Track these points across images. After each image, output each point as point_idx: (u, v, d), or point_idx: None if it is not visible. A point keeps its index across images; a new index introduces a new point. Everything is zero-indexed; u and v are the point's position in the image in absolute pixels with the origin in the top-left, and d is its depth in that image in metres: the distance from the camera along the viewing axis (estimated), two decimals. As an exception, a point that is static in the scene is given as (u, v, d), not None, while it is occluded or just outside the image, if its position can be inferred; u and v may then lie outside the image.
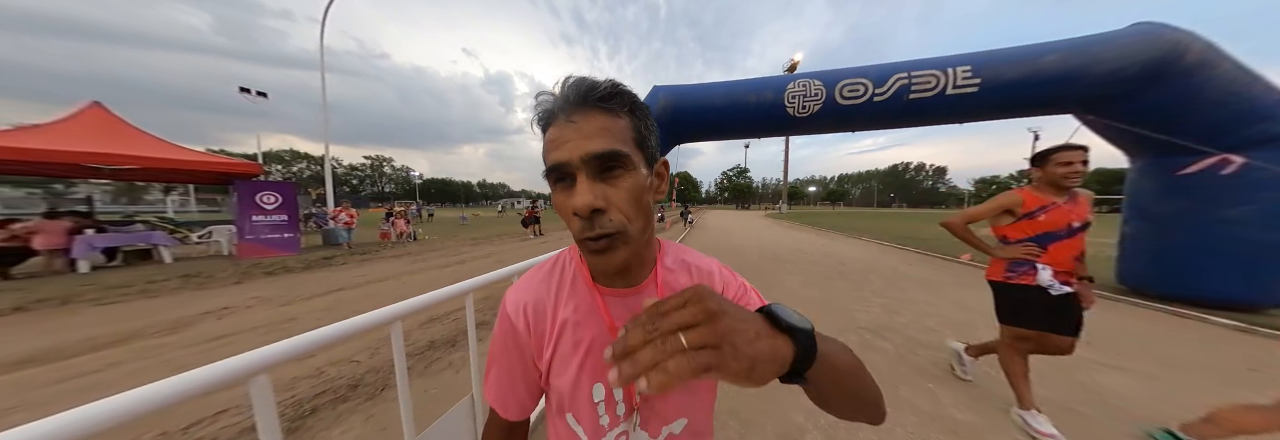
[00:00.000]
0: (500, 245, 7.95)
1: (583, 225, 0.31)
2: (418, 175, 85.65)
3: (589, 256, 0.33)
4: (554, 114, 0.32)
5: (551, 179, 0.32)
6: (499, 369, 0.41)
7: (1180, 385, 1.75)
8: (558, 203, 0.33)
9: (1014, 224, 1.37)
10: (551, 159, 0.31)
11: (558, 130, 0.32)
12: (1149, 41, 2.77)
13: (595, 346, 0.38)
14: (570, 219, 0.32)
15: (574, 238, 0.33)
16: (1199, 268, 2.92)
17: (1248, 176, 2.62)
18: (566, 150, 0.31)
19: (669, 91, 3.78)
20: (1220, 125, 2.75)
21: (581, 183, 0.31)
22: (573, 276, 0.40)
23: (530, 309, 0.39)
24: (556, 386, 0.39)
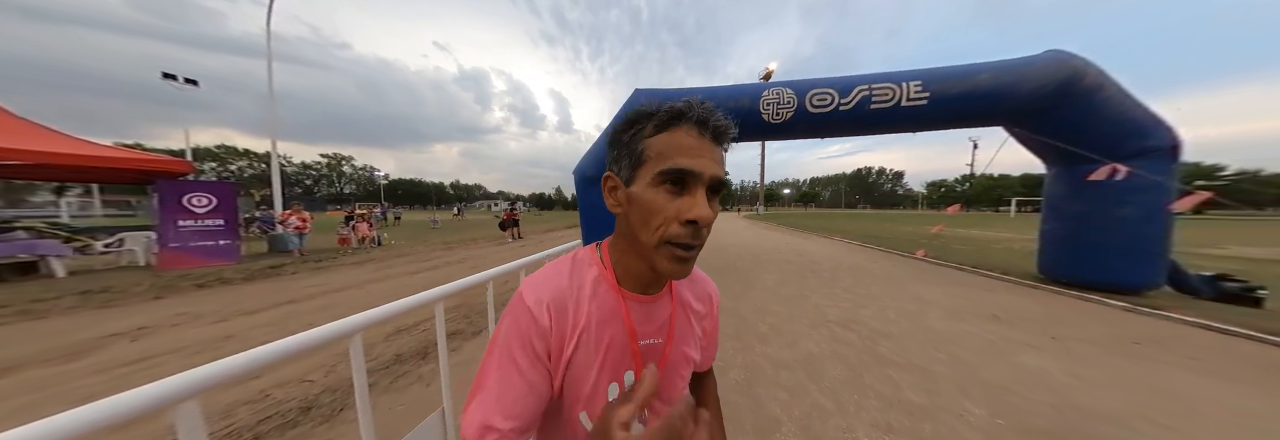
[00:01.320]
0: (476, 249, 7.60)
1: (688, 232, 0.32)
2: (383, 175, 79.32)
3: (669, 262, 0.33)
4: (686, 121, 0.33)
5: (662, 179, 0.33)
6: (506, 382, 0.35)
7: (1083, 358, 2.07)
8: (654, 201, 0.33)
9: None
10: (680, 163, 0.32)
11: (695, 140, 0.33)
12: (1058, 66, 3.24)
13: (613, 347, 0.38)
14: (669, 222, 0.32)
15: (656, 241, 0.33)
16: (1100, 258, 3.47)
17: (1131, 182, 3.14)
18: (702, 164, 0.32)
19: (651, 95, 3.86)
20: (1112, 139, 3.28)
21: (703, 196, 0.33)
22: (595, 278, 0.40)
23: (552, 305, 0.37)
24: (573, 385, 0.38)
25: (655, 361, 0.40)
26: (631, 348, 0.39)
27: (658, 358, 0.41)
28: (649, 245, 0.34)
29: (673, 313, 0.42)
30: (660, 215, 0.32)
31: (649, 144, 0.34)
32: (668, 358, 0.41)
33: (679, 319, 0.42)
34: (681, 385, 0.44)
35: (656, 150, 0.33)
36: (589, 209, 4.07)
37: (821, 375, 1.87)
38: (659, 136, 0.33)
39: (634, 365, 0.39)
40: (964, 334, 2.48)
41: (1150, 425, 1.43)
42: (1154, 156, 3.20)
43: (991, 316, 2.89)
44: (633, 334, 0.39)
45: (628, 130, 0.36)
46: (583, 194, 4.09)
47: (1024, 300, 3.42)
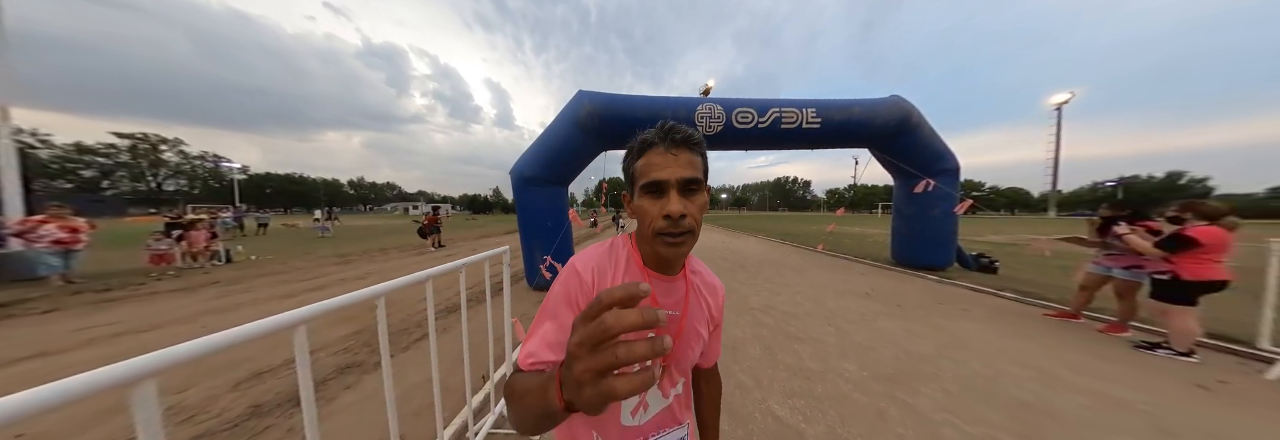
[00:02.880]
0: (387, 261, 6.24)
1: (668, 224, 0.42)
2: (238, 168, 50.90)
3: (663, 247, 0.43)
4: (655, 144, 0.43)
5: (645, 190, 0.44)
6: (551, 326, 0.44)
7: (914, 318, 2.87)
8: (644, 207, 0.44)
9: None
10: (652, 176, 0.43)
11: (661, 156, 0.43)
12: (897, 107, 4.45)
13: None
14: (655, 219, 0.43)
15: (651, 233, 0.44)
16: (922, 246, 4.91)
17: (936, 192, 4.52)
18: (667, 172, 0.42)
19: (594, 98, 3.84)
20: (926, 162, 4.65)
21: (674, 196, 0.42)
22: (626, 258, 0.49)
23: (596, 270, 0.47)
24: None
25: (673, 330, 0.49)
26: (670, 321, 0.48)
27: (674, 327, 0.50)
28: (648, 237, 0.45)
29: (687, 292, 0.51)
30: (649, 215, 0.43)
31: (635, 168, 0.45)
32: (682, 328, 0.50)
33: (692, 298, 0.51)
34: (691, 356, 0.51)
35: (639, 171, 0.44)
36: (529, 213, 3.83)
37: (744, 357, 2.15)
38: (639, 161, 0.45)
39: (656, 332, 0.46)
40: (846, 309, 3.17)
41: (946, 359, 2.09)
42: (947, 175, 4.66)
43: (864, 294, 3.75)
44: (655, 303, 0.47)
45: (625, 160, 0.48)
46: (522, 196, 3.82)
47: (884, 279, 4.55)
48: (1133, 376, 1.88)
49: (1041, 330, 2.58)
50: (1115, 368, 1.97)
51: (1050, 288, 3.75)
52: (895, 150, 4.70)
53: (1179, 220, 2.17)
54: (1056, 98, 24.00)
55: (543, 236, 3.72)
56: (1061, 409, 1.58)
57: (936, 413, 1.54)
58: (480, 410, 1.52)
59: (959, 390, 1.73)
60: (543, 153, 3.81)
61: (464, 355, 1.26)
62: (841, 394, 1.70)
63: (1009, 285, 3.93)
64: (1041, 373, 1.92)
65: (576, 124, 3.74)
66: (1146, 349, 2.18)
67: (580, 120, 3.73)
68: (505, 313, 1.58)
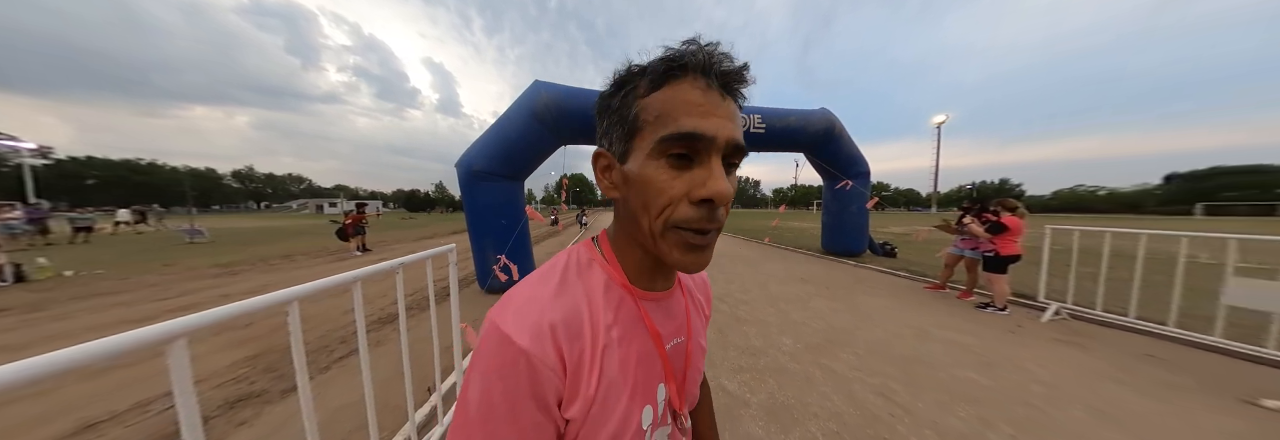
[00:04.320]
0: (293, 269, 5.19)
1: (702, 214, 0.25)
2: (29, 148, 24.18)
3: (680, 251, 0.27)
4: (690, 72, 0.25)
5: (663, 148, 0.25)
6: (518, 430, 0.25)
7: (838, 297, 3.44)
8: (655, 178, 0.26)
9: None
10: (685, 125, 0.24)
11: (701, 94, 0.25)
12: (825, 118, 5.20)
13: (642, 361, 0.31)
14: (678, 202, 0.25)
15: (662, 225, 0.26)
16: (844, 237, 5.88)
17: (853, 191, 5.42)
18: (714, 124, 0.25)
19: (552, 90, 3.71)
20: (846, 166, 5.53)
21: (719, 166, 0.25)
22: (605, 281, 0.31)
23: (563, 331, 0.27)
24: (600, 424, 0.28)
25: (682, 364, 0.35)
26: (661, 355, 0.32)
27: (683, 358, 0.35)
28: (653, 233, 0.27)
29: (686, 306, 0.36)
30: (665, 195, 0.25)
31: (644, 105, 0.26)
32: (690, 353, 0.36)
33: (692, 311, 0.37)
34: (699, 377, 0.39)
35: (654, 112, 0.25)
36: (479, 210, 3.56)
37: (703, 340, 2.37)
38: (655, 95, 0.26)
39: (665, 375, 0.32)
40: (786, 293, 3.64)
41: (858, 328, 2.57)
42: (862, 177, 5.61)
43: (801, 279, 4.34)
44: (658, 339, 0.32)
45: (617, 92, 0.28)
46: (470, 192, 3.54)
47: (817, 267, 5.30)
48: (971, 328, 2.56)
49: (922, 300, 3.32)
50: (963, 323, 2.66)
51: (930, 267, 4.79)
52: (824, 155, 5.49)
53: (996, 213, 3.03)
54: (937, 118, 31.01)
55: (495, 235, 3.50)
56: (929, 356, 2.09)
57: (850, 372, 1.91)
58: (425, 425, 1.42)
59: (866, 352, 2.16)
60: (495, 145, 3.56)
61: (404, 367, 1.16)
62: (779, 365, 1.99)
63: (903, 266, 4.91)
64: (919, 331, 2.49)
65: (533, 116, 3.57)
66: (982, 308, 2.97)
67: (537, 112, 3.56)
68: (453, 318, 1.48)
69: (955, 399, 1.63)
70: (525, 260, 3.88)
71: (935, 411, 1.53)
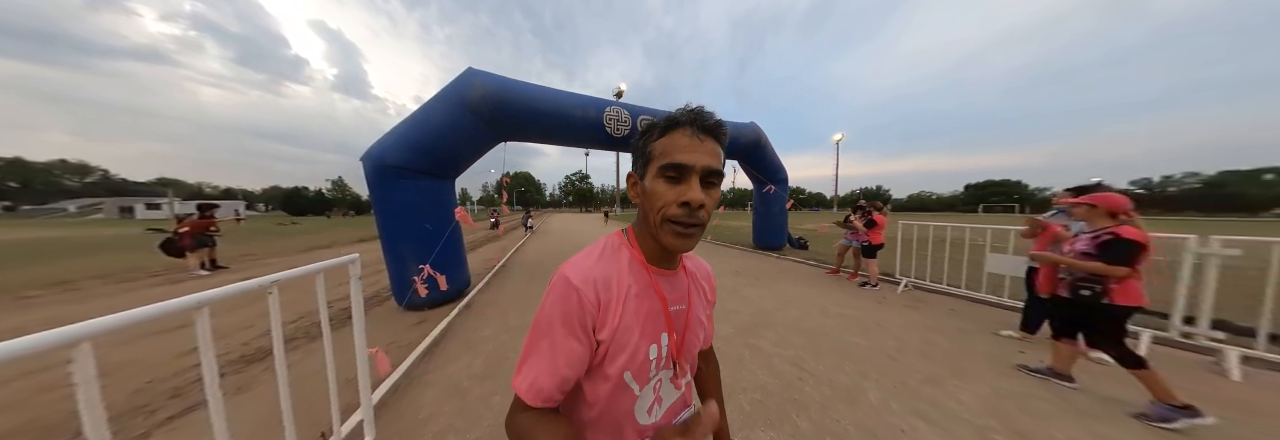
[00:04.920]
0: (73, 304, 3.51)
1: (686, 213, 0.40)
2: None
3: (671, 237, 0.41)
4: (683, 125, 0.41)
5: (662, 172, 0.41)
6: (552, 352, 0.41)
7: (764, 285, 3.98)
8: (658, 190, 0.41)
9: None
10: (676, 158, 0.40)
11: (688, 139, 0.40)
12: (754, 131, 5.98)
13: (651, 314, 0.45)
14: (670, 205, 0.40)
15: (660, 219, 0.41)
16: (768, 233, 6.84)
17: (776, 194, 6.38)
18: (694, 157, 0.40)
19: (490, 80, 3.37)
20: (771, 172, 6.46)
21: (696, 183, 0.40)
22: (629, 258, 0.46)
23: (600, 283, 0.43)
24: (618, 348, 0.43)
25: (682, 323, 0.49)
26: (665, 313, 0.47)
27: (683, 321, 0.49)
28: (655, 224, 0.42)
29: (688, 284, 0.51)
30: (662, 199, 0.41)
31: (655, 146, 0.42)
32: (690, 320, 0.50)
33: (693, 289, 0.52)
34: (699, 344, 0.53)
35: (660, 150, 0.41)
36: (396, 212, 3.01)
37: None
38: (661, 140, 0.42)
39: (667, 328, 0.47)
40: (723, 284, 4.06)
41: (779, 311, 3.03)
42: (782, 183, 6.61)
43: (736, 272, 4.88)
44: (664, 301, 0.47)
45: (642, 138, 0.44)
46: (382, 191, 2.98)
47: (749, 260, 6.03)
48: (855, 302, 3.28)
49: (826, 283, 4.10)
50: (850, 299, 3.39)
51: (830, 256, 5.93)
52: (753, 163, 6.31)
53: (870, 212, 3.94)
54: (836, 136, 38.70)
55: (417, 242, 2.98)
56: (827, 327, 2.61)
57: (771, 348, 2.25)
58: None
59: (785, 331, 2.57)
60: (419, 136, 3.05)
61: (283, 410, 0.93)
62: (717, 350, 2.23)
63: (814, 257, 5.96)
64: (822, 309, 3.08)
65: (466, 106, 3.17)
66: (862, 286, 3.83)
67: (471, 103, 3.17)
68: (357, 343, 1.24)
69: (843, 360, 2.07)
70: (457, 269, 3.46)
71: (830, 371, 1.93)
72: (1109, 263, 1.46)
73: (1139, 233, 1.46)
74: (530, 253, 7.18)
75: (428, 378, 1.88)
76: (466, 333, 2.54)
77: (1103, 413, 1.52)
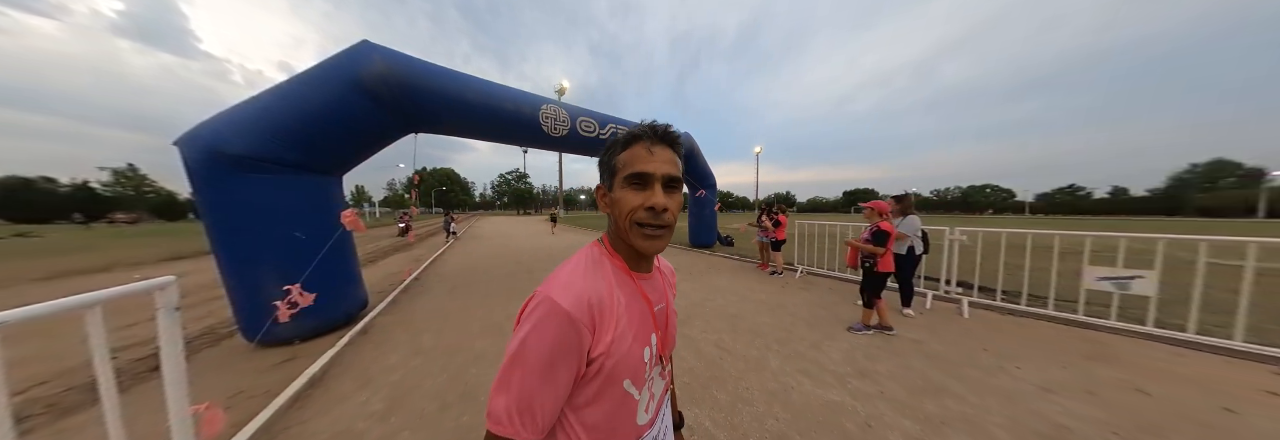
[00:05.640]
0: None
1: (650, 216, 0.43)
2: None
3: (641, 240, 0.44)
4: (642, 138, 0.45)
5: (628, 181, 0.44)
6: (549, 386, 0.40)
7: (697, 279, 4.39)
8: (625, 197, 0.44)
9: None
10: (638, 168, 0.44)
11: (647, 150, 0.44)
12: (688, 140, 6.56)
13: (641, 319, 0.48)
14: (635, 210, 0.43)
15: (629, 224, 0.44)
16: (702, 233, 7.59)
17: (707, 198, 7.13)
18: (654, 166, 0.44)
19: (395, 59, 2.79)
20: (702, 178, 7.17)
21: (658, 189, 0.44)
22: (613, 269, 0.48)
23: (596, 303, 0.43)
24: (617, 359, 0.43)
25: (664, 320, 0.52)
26: (651, 314, 0.49)
27: (665, 318, 0.53)
28: (624, 228, 0.45)
29: (663, 283, 0.55)
30: (629, 205, 0.44)
31: (619, 159, 0.46)
32: (669, 316, 0.54)
33: (666, 286, 0.56)
34: (675, 335, 0.57)
35: (624, 162, 0.45)
36: (241, 216, 2.26)
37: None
38: (624, 153, 0.45)
39: (655, 327, 0.50)
40: (663, 282, 4.33)
41: (708, 301, 3.39)
42: (711, 188, 7.41)
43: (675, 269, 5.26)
44: (650, 304, 0.50)
45: (607, 153, 0.48)
46: (217, 187, 2.22)
47: (685, 257, 6.53)
48: (765, 288, 3.91)
49: (746, 274, 4.76)
50: (762, 286, 4.03)
51: (750, 251, 6.90)
52: (686, 170, 6.90)
53: (776, 213, 4.78)
54: (756, 148, 45.89)
55: (281, 256, 2.32)
56: (745, 311, 3.04)
57: (700, 334, 2.50)
58: None
59: (712, 317, 2.89)
60: (287, 119, 2.37)
61: None
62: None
63: (737, 252, 6.82)
64: (740, 296, 3.57)
65: (360, 89, 2.59)
66: (771, 274, 4.60)
67: (367, 84, 2.60)
68: (169, 400, 0.87)
69: (755, 336, 2.45)
70: (347, 286, 2.80)
71: (745, 347, 2.25)
72: (874, 245, 2.40)
73: (890, 227, 2.41)
74: (454, 262, 6.27)
75: (300, 430, 1.48)
76: (362, 365, 2.09)
77: (910, 351, 2.19)
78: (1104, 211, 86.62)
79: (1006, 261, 3.06)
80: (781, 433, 1.42)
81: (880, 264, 2.40)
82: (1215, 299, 2.18)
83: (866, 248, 2.42)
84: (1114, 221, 30.76)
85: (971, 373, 1.88)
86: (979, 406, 1.57)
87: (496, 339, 2.45)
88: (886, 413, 1.53)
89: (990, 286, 3.14)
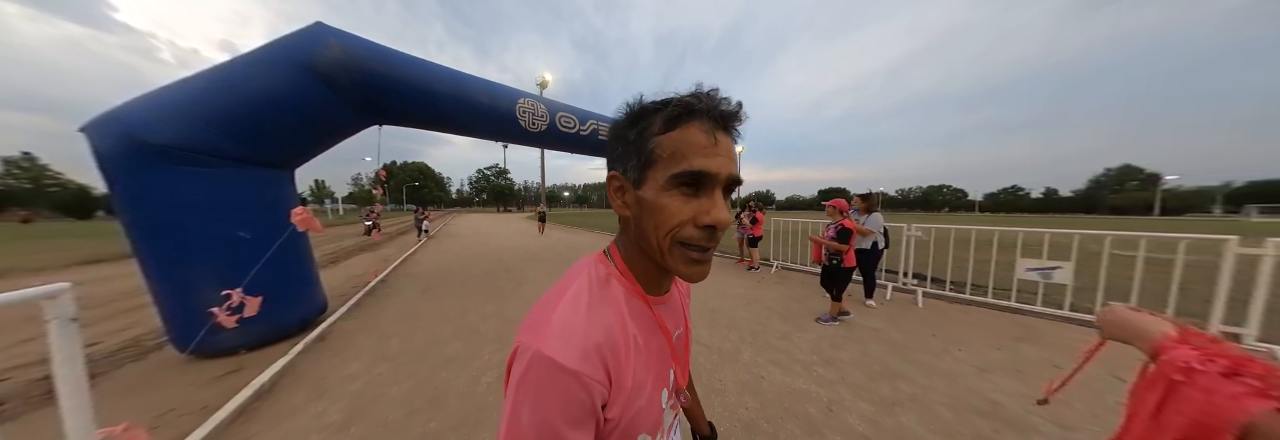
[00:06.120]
0: None
1: (705, 235, 0.31)
2: None
3: (685, 265, 0.32)
4: (699, 116, 0.31)
5: (677, 181, 0.30)
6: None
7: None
8: (668, 205, 0.31)
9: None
10: (696, 164, 0.30)
11: (706, 136, 0.30)
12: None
13: (658, 356, 0.37)
14: (682, 226, 0.31)
15: (669, 242, 0.32)
16: None
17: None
18: (718, 163, 0.30)
19: (353, 44, 2.54)
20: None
21: (721, 198, 0.31)
22: (624, 293, 0.36)
23: (607, 351, 0.31)
24: (635, 413, 0.33)
25: (681, 346, 0.41)
26: (670, 346, 0.39)
27: (683, 344, 0.42)
28: (661, 249, 0.32)
29: (678, 300, 0.43)
30: (676, 219, 0.31)
31: (659, 143, 0.31)
32: (687, 339, 0.43)
33: (682, 304, 0.45)
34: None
35: (669, 150, 0.30)
36: (154, 211, 1.98)
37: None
38: (669, 135, 0.31)
39: (673, 362, 0.40)
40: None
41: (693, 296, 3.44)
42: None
43: (656, 266, 5.31)
44: (668, 335, 0.39)
45: (632, 127, 0.33)
46: (132, 180, 1.94)
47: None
48: (743, 283, 4.05)
49: (726, 270, 4.88)
50: (739, 281, 4.17)
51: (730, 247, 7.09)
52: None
53: (753, 211, 4.95)
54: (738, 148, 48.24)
55: (219, 258, 2.08)
56: (723, 306, 3.14)
57: (679, 329, 2.55)
58: None
59: (694, 314, 2.89)
60: (228, 104, 2.10)
61: None
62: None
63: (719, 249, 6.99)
64: (720, 292, 3.67)
65: (313, 75, 2.35)
66: (749, 270, 4.77)
67: (322, 69, 2.36)
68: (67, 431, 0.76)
69: (730, 330, 2.53)
70: (303, 290, 2.59)
71: (720, 341, 2.33)
72: (839, 241, 2.51)
73: (852, 224, 2.55)
74: (427, 261, 5.94)
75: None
76: (320, 374, 1.94)
77: (871, 339, 2.35)
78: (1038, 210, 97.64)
79: (955, 255, 3.37)
80: (750, 421, 1.48)
81: (846, 260, 2.55)
82: (1115, 285, 2.52)
83: (831, 245, 2.54)
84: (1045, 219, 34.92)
85: (922, 357, 2.07)
86: (927, 387, 1.72)
87: (471, 341, 2.36)
88: (846, 397, 1.65)
89: (941, 278, 3.45)
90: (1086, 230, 2.69)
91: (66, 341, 0.77)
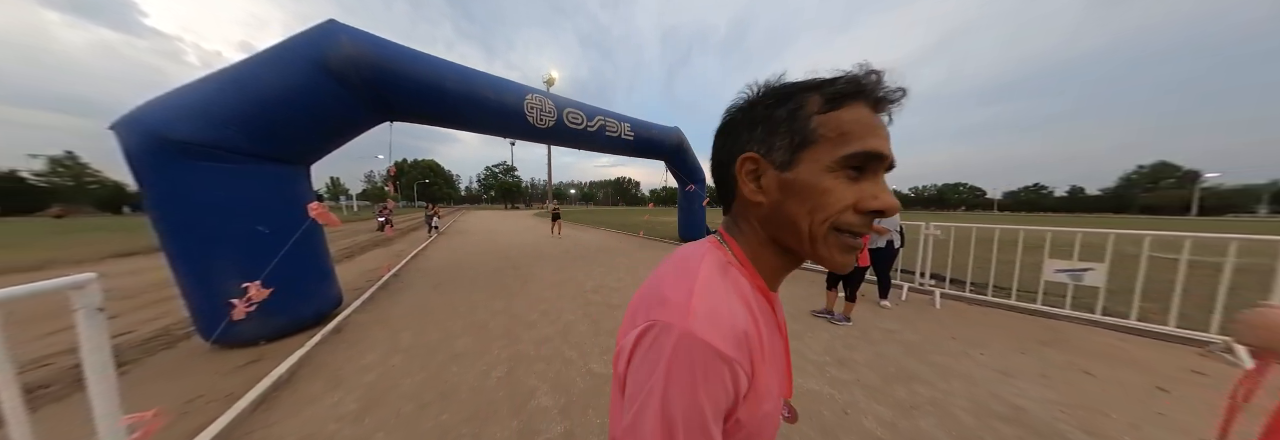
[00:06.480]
0: None
1: (865, 221, 0.29)
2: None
3: (841, 254, 0.30)
4: (867, 94, 0.29)
5: (844, 164, 0.29)
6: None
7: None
8: (832, 188, 0.29)
9: None
10: (873, 145, 0.28)
11: (873, 118, 0.29)
12: (676, 134, 6.51)
13: (779, 354, 0.34)
14: (845, 210, 0.29)
15: (826, 229, 0.29)
16: (692, 228, 7.62)
17: (696, 193, 7.13)
18: (887, 145, 0.29)
19: (364, 41, 2.60)
20: (691, 173, 7.16)
21: (884, 183, 0.30)
22: (748, 288, 0.32)
23: (754, 339, 0.29)
24: (761, 418, 0.30)
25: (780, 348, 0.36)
26: (786, 350, 0.36)
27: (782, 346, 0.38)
28: (814, 235, 0.30)
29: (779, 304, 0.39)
30: (840, 203, 0.29)
31: (823, 122, 0.29)
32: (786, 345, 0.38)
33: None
34: None
35: (837, 130, 0.28)
36: (192, 208, 2.06)
37: (573, 334, 2.45)
38: (836, 114, 0.29)
39: (785, 367, 0.36)
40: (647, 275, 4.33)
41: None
42: (701, 183, 7.41)
43: (663, 264, 5.28)
44: (786, 336, 0.36)
45: (778, 104, 0.31)
46: (158, 176, 2.01)
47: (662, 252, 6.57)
48: (753, 282, 3.99)
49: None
50: (749, 280, 4.11)
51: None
52: (676, 164, 6.88)
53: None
54: None
55: (239, 250, 2.15)
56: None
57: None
58: None
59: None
60: (242, 103, 2.16)
61: None
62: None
63: (725, 247, 6.95)
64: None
65: (326, 72, 2.40)
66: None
67: (333, 67, 2.41)
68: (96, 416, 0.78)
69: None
70: (319, 284, 2.65)
71: (729, 340, 2.29)
72: None
73: None
74: (437, 257, 6.06)
75: (265, 434, 1.40)
76: (336, 365, 1.99)
77: (885, 340, 2.28)
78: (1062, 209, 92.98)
79: (976, 255, 3.23)
80: (762, 421, 1.46)
81: (860, 260, 2.48)
82: (1153, 288, 2.37)
83: None
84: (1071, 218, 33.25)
85: (940, 359, 1.99)
86: (945, 391, 1.66)
87: (480, 336, 2.39)
88: (861, 399, 1.60)
89: (961, 279, 3.31)
90: (1121, 230, 2.53)
91: (93, 330, 0.80)
